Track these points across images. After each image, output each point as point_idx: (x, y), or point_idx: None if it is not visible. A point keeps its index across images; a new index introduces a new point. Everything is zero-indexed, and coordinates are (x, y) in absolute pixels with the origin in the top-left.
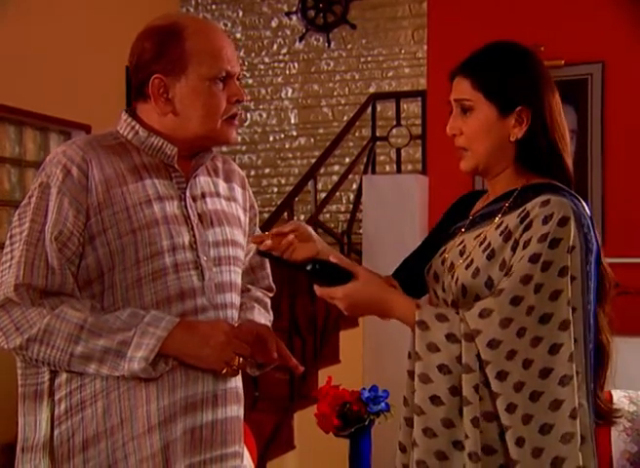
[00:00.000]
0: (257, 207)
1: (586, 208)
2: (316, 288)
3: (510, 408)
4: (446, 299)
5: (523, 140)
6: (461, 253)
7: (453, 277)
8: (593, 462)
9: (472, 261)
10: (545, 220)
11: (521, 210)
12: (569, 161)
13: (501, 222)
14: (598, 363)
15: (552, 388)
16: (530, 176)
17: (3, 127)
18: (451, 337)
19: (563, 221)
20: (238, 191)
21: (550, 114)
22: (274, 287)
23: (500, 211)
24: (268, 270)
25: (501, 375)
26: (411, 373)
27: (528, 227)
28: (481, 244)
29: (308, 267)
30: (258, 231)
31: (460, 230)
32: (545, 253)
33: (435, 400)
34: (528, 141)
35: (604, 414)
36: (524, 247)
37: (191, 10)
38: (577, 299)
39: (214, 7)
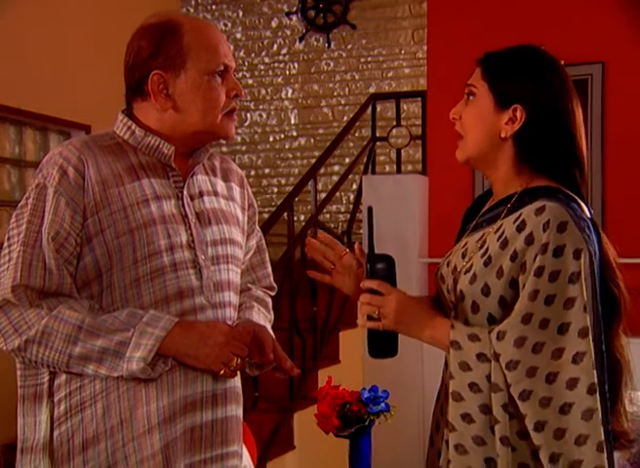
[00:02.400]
0: (256, 206)
1: (586, 210)
2: (368, 280)
3: (538, 426)
4: (451, 301)
5: (523, 140)
6: (463, 256)
7: (454, 280)
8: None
9: (471, 267)
10: (544, 229)
11: (517, 214)
12: (581, 166)
13: (500, 226)
14: (611, 381)
15: (582, 398)
16: (531, 178)
17: (3, 127)
18: (481, 357)
19: (561, 227)
20: (236, 190)
21: (561, 119)
22: (276, 286)
23: (500, 215)
24: (269, 269)
25: (524, 395)
26: (446, 387)
27: (530, 241)
28: (480, 248)
29: (377, 258)
30: (257, 229)
31: (466, 233)
32: (550, 263)
33: (466, 417)
34: (528, 142)
35: (620, 436)
36: (533, 262)
37: (191, 10)
38: (589, 303)
39: (214, 7)
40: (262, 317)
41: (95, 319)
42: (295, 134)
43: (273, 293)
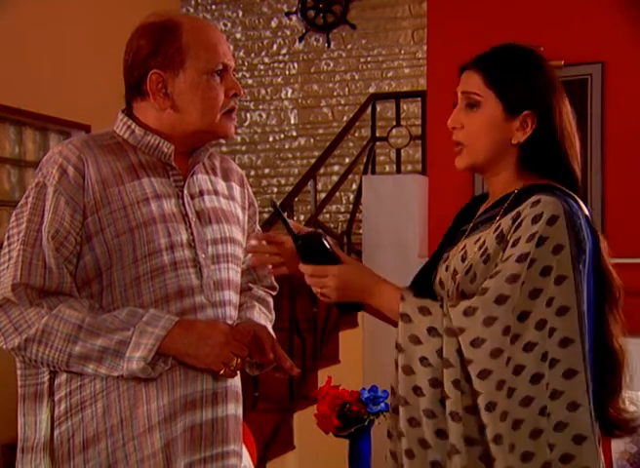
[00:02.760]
0: (256, 205)
1: (584, 208)
2: (301, 266)
3: (490, 406)
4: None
5: (527, 145)
6: (463, 259)
7: (455, 283)
8: (600, 463)
9: (471, 267)
10: (535, 220)
11: (515, 212)
12: (577, 168)
13: (498, 226)
14: (607, 370)
15: (526, 384)
16: (530, 179)
17: (3, 127)
18: (432, 331)
19: (552, 220)
20: (237, 189)
21: (560, 122)
22: (277, 285)
23: (497, 215)
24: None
25: (483, 374)
26: (395, 363)
27: (518, 227)
28: (480, 248)
29: (304, 238)
30: (258, 228)
31: (462, 235)
32: (533, 251)
33: (417, 391)
34: (532, 146)
35: (620, 424)
36: (512, 245)
37: (191, 10)
38: (568, 298)
39: (214, 7)
40: (263, 317)
41: (95, 318)
42: (294, 134)
43: (274, 293)
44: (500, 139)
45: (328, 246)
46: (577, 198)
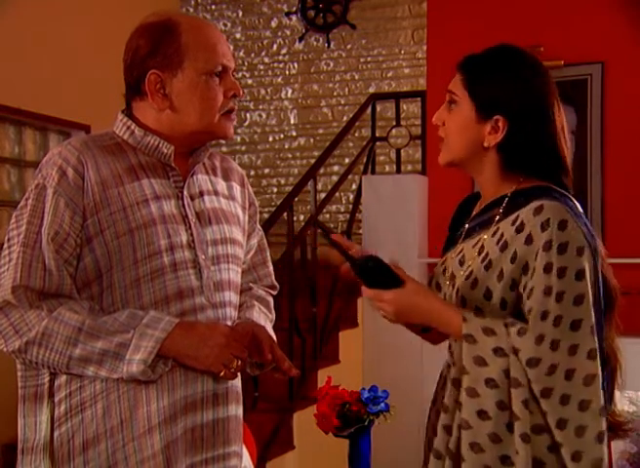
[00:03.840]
0: (257, 204)
1: (579, 208)
2: (364, 289)
3: (561, 423)
4: None
5: (505, 148)
6: (461, 263)
7: (454, 287)
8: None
9: (472, 272)
10: (543, 228)
11: (514, 217)
12: (566, 166)
13: (497, 229)
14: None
15: (598, 395)
16: (521, 180)
17: (3, 127)
18: (498, 351)
19: (562, 225)
20: (237, 189)
21: (544, 125)
22: (277, 285)
23: (494, 218)
24: (271, 268)
25: (545, 393)
26: (455, 382)
27: (529, 241)
28: (479, 253)
29: (363, 263)
30: (258, 228)
31: (459, 238)
32: (556, 259)
33: (482, 414)
34: (510, 150)
35: (614, 427)
36: (536, 260)
37: (191, 10)
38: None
39: (213, 7)
40: (263, 317)
41: (95, 320)
42: (294, 134)
43: (275, 292)
44: (472, 141)
45: (386, 268)
46: (572, 199)
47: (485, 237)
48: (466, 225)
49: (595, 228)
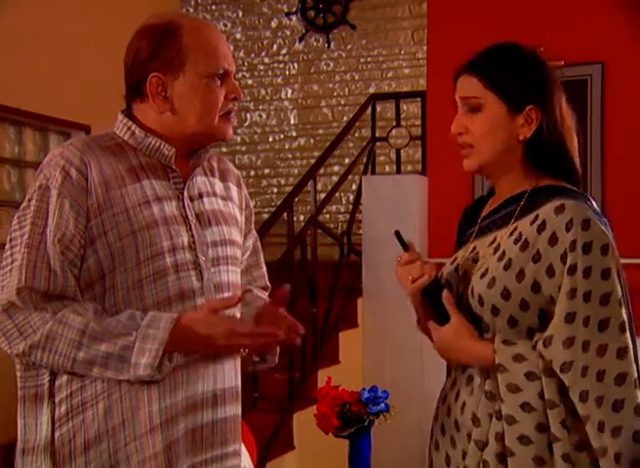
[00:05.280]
0: (252, 206)
1: (597, 207)
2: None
3: (601, 426)
4: (461, 308)
5: (531, 141)
6: (475, 261)
7: (468, 286)
8: None
9: (487, 271)
10: (567, 228)
11: (534, 216)
12: (577, 162)
13: (515, 228)
14: None
15: (632, 393)
16: (538, 178)
17: (3, 127)
18: (530, 375)
19: (585, 224)
20: (234, 190)
21: (560, 115)
22: (270, 285)
23: (512, 215)
24: (264, 269)
25: (583, 396)
26: (492, 415)
27: (553, 241)
28: (495, 251)
29: (435, 282)
30: (253, 230)
31: (470, 237)
32: (581, 260)
33: (523, 439)
34: (536, 142)
35: None
36: (563, 263)
37: (191, 10)
38: (624, 294)
39: (213, 7)
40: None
41: (98, 323)
42: (294, 134)
43: (267, 293)
44: (506, 138)
45: (440, 299)
46: (590, 198)
47: (502, 235)
48: (479, 223)
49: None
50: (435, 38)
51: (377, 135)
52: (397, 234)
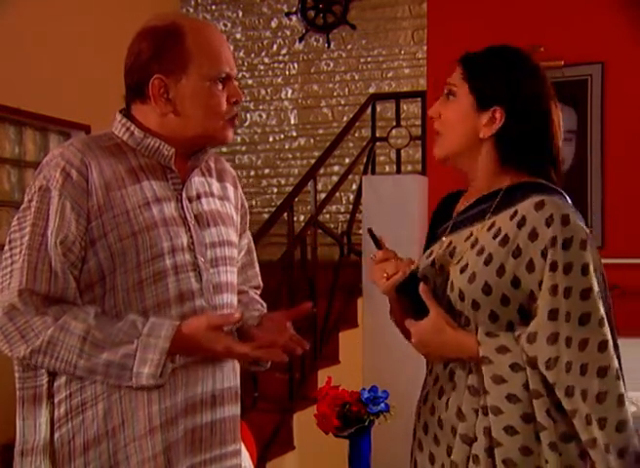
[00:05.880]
0: (247, 205)
1: (570, 203)
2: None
3: (588, 419)
4: (440, 302)
5: (504, 141)
6: (451, 255)
7: (446, 280)
8: None
9: (467, 265)
10: (548, 224)
11: (512, 211)
12: (558, 164)
13: (493, 224)
14: None
15: (614, 385)
16: (515, 175)
17: (3, 127)
18: (515, 367)
19: (565, 220)
20: (231, 190)
21: (539, 119)
22: (262, 284)
23: (488, 211)
24: (257, 269)
25: (569, 391)
26: (471, 389)
27: (534, 237)
28: (473, 246)
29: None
30: (247, 230)
31: (444, 231)
32: (562, 256)
33: (509, 430)
34: (508, 142)
35: None
36: (544, 259)
37: (191, 10)
38: (601, 291)
39: (213, 7)
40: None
41: (100, 330)
42: (294, 134)
43: (259, 292)
44: (469, 132)
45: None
46: (565, 195)
47: (478, 229)
48: (453, 219)
49: (595, 228)
50: (435, 38)
51: (377, 135)
52: (370, 232)
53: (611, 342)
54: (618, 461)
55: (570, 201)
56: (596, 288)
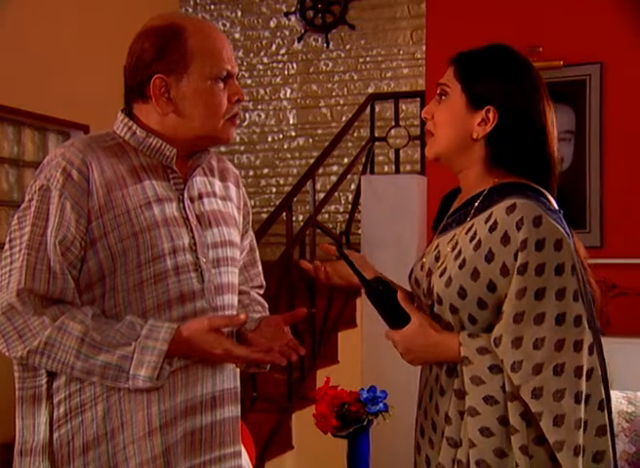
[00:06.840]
0: (249, 205)
1: (554, 204)
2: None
3: (557, 420)
4: (428, 305)
5: (493, 141)
6: (437, 259)
7: (430, 283)
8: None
9: (445, 269)
10: (518, 227)
11: (488, 214)
12: (552, 165)
13: (471, 226)
14: None
15: (591, 385)
16: (501, 176)
17: (2, 127)
18: (494, 368)
19: (537, 221)
20: (233, 190)
21: (533, 120)
22: (264, 283)
23: (469, 213)
24: (260, 268)
25: (536, 393)
26: (458, 392)
27: (506, 241)
28: (453, 249)
29: (375, 285)
30: (250, 230)
31: (435, 234)
32: (533, 257)
33: (485, 431)
34: (497, 142)
35: None
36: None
37: (190, 10)
38: (581, 288)
39: (212, 7)
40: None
41: (98, 331)
42: (293, 134)
43: (262, 291)
44: (461, 132)
45: (394, 297)
46: (547, 194)
47: (459, 232)
48: (445, 220)
49: (594, 228)
50: (434, 38)
51: (375, 134)
52: (339, 250)
53: (587, 342)
54: (591, 465)
55: (554, 202)
56: (573, 287)
